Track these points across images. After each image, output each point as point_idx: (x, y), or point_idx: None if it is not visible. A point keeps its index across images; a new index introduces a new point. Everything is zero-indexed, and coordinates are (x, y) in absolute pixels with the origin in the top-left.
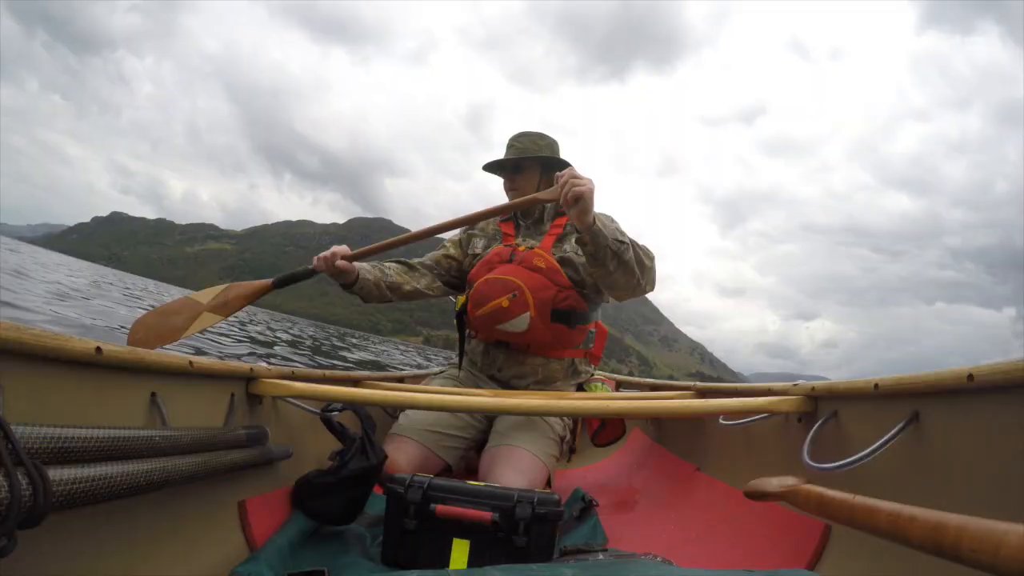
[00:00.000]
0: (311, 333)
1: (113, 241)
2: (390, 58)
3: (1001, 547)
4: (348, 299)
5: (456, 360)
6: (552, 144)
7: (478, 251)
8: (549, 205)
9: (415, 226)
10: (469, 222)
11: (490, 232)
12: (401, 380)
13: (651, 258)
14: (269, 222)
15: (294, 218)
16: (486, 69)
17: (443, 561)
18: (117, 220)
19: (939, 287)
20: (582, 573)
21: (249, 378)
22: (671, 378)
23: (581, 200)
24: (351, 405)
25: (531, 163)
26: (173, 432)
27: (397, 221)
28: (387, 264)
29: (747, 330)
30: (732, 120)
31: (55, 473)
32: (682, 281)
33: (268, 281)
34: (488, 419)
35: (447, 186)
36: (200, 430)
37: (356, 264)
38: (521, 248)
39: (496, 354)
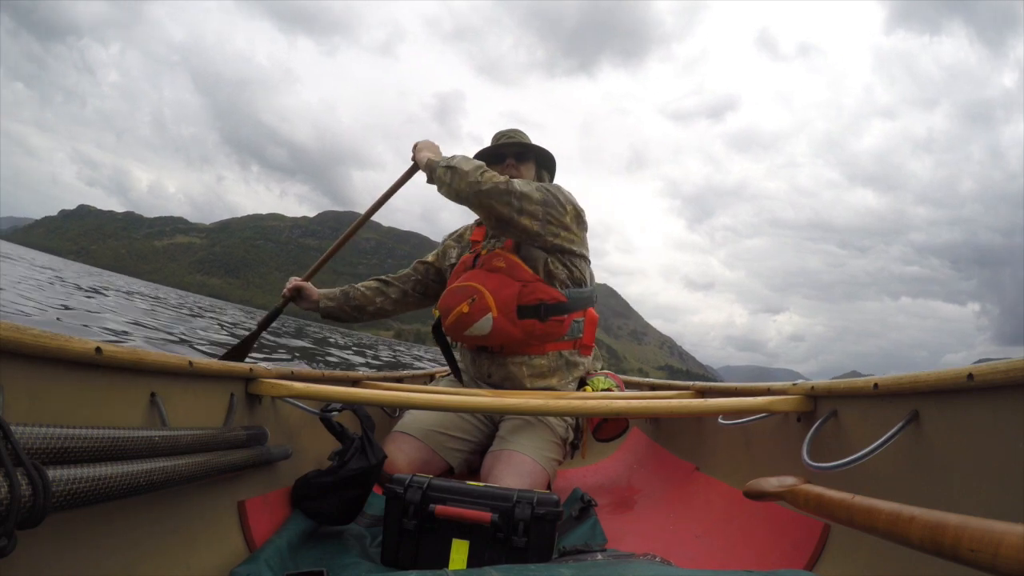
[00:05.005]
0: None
1: (81, 235)
2: (357, 49)
3: (1000, 547)
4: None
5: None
6: None
7: (452, 260)
8: None
9: (385, 220)
10: (378, 206)
11: (464, 240)
12: (401, 380)
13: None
14: (237, 215)
15: (263, 211)
16: (454, 61)
17: (442, 561)
18: (84, 213)
19: (904, 282)
20: (580, 573)
21: (248, 378)
22: (640, 371)
23: (416, 154)
24: (350, 405)
25: (530, 154)
26: (173, 432)
27: None
28: (360, 285)
29: (715, 323)
30: (701, 115)
31: (55, 473)
32: (651, 275)
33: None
34: (493, 423)
35: (415, 178)
36: (200, 430)
37: (320, 292)
38: (484, 252)
39: (481, 360)
